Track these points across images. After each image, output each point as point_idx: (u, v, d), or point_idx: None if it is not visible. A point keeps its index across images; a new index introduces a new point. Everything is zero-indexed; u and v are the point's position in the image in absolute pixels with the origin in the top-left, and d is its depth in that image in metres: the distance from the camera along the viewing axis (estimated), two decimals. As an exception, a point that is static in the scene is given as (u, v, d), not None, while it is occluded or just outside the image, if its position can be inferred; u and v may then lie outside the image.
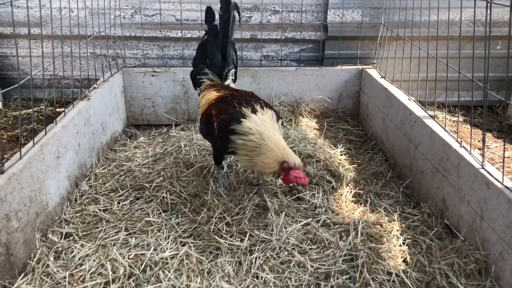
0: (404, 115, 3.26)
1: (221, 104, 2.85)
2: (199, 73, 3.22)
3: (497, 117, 4.50)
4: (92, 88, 3.66)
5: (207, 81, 3.18)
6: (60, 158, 2.84)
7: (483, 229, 2.27)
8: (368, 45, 4.50)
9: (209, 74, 3.18)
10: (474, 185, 2.35)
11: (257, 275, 2.23)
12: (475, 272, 2.22)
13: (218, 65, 3.17)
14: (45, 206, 2.59)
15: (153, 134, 4.16)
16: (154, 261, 2.30)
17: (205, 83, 3.18)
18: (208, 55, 3.19)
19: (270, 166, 2.58)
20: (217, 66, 3.17)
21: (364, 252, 2.29)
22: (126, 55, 4.61)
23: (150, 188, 2.98)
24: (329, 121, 4.25)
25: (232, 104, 2.77)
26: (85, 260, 2.35)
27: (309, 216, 2.70)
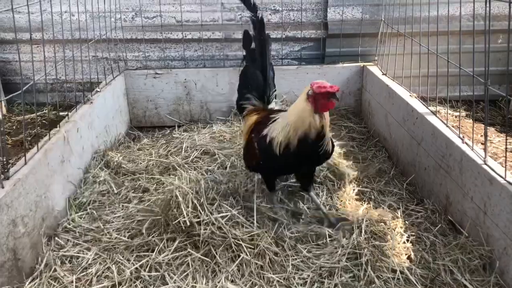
0: (406, 111, 3.26)
1: (260, 125, 2.70)
2: (241, 99, 3.05)
3: (500, 111, 4.49)
4: (94, 92, 3.68)
5: (250, 106, 3.00)
6: (65, 162, 2.86)
7: (487, 225, 2.27)
8: (369, 42, 4.50)
9: (251, 99, 3.00)
10: (477, 181, 2.35)
11: (260, 275, 2.24)
12: (479, 267, 2.22)
13: (260, 89, 2.99)
14: (50, 211, 2.61)
15: (156, 135, 4.18)
16: (159, 262, 2.32)
17: (247, 108, 3.00)
18: (249, 80, 3.03)
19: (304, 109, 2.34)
20: (259, 90, 2.99)
21: (368, 250, 2.30)
22: (128, 57, 4.63)
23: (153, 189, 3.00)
24: (331, 119, 4.22)
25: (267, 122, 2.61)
26: (91, 263, 2.37)
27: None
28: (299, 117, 2.37)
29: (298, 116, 2.37)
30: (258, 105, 2.98)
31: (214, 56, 4.68)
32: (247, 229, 2.46)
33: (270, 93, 3.00)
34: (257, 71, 2.98)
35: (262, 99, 2.99)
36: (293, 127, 2.39)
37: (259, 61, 2.98)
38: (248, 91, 3.01)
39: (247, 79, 3.04)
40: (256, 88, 2.99)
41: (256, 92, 2.99)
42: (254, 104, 2.99)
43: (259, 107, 2.97)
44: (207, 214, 2.44)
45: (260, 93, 2.98)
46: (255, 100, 2.99)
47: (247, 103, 3.00)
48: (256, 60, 3.00)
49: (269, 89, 2.99)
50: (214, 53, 4.68)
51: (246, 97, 3.00)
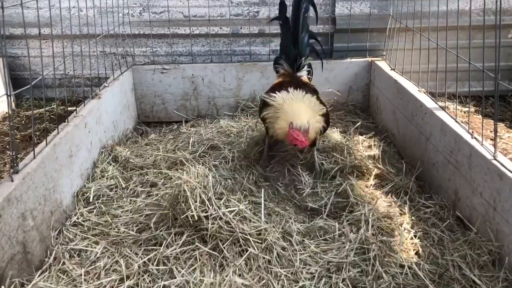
0: (415, 107, 3.24)
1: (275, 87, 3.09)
2: (275, 63, 3.40)
3: (510, 106, 4.45)
4: (102, 87, 3.69)
5: (281, 70, 3.33)
6: (73, 157, 2.87)
7: (496, 221, 2.26)
8: (377, 37, 4.47)
9: (283, 65, 3.31)
10: (487, 177, 2.33)
11: (268, 269, 2.24)
12: (488, 263, 2.21)
13: (290, 57, 3.27)
14: (59, 205, 2.63)
15: (163, 131, 4.18)
16: (167, 256, 2.33)
17: (279, 72, 3.36)
18: (283, 47, 3.36)
19: (283, 128, 2.75)
20: (290, 58, 3.28)
21: (376, 245, 2.29)
22: (135, 53, 4.64)
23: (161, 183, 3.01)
24: (339, 115, 4.23)
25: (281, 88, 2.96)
26: (99, 257, 2.39)
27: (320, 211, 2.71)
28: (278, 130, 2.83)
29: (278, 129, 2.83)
30: (288, 71, 3.29)
31: (221, 52, 4.68)
32: (254, 223, 2.46)
33: (301, 61, 3.26)
34: (289, 40, 3.25)
35: (292, 67, 3.27)
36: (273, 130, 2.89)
37: (292, 30, 3.24)
38: (281, 57, 3.34)
39: (282, 43, 3.38)
40: (288, 55, 3.28)
41: (288, 59, 3.28)
42: (285, 69, 3.30)
43: (289, 72, 3.28)
44: (215, 209, 2.44)
45: (291, 61, 3.28)
46: (286, 65, 3.30)
47: (279, 67, 3.36)
48: (289, 29, 3.26)
49: (299, 57, 3.25)
50: (222, 48, 4.68)
51: (279, 62, 3.35)
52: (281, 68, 3.34)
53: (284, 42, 3.36)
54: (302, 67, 3.28)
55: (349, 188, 2.82)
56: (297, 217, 2.66)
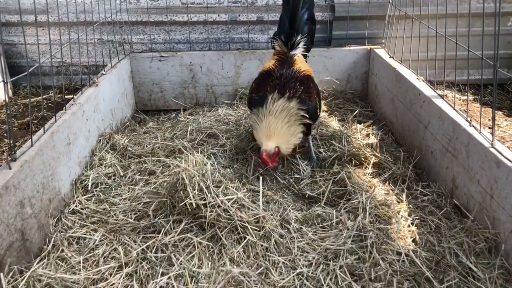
0: (413, 95, 3.24)
1: (261, 80, 3.08)
2: (273, 37, 3.37)
3: (508, 95, 4.45)
4: (100, 75, 3.67)
5: (277, 47, 3.32)
6: (71, 144, 2.87)
7: (493, 208, 2.27)
8: (376, 25, 4.45)
9: (278, 41, 3.29)
10: (484, 164, 2.34)
11: (266, 256, 2.26)
12: (484, 250, 2.23)
13: (285, 33, 3.25)
14: (57, 192, 2.63)
15: (162, 119, 4.18)
16: (165, 244, 2.34)
17: (275, 48, 3.34)
18: (280, 23, 3.33)
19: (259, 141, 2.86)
20: (285, 34, 3.25)
21: (373, 233, 2.30)
22: (133, 40, 4.61)
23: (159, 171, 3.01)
24: (338, 103, 4.22)
25: (266, 87, 2.95)
26: (98, 244, 2.40)
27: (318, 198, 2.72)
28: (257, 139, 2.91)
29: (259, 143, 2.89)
30: (283, 48, 3.28)
31: (219, 39, 4.65)
32: (253, 211, 2.47)
33: (297, 39, 3.24)
34: (286, 17, 3.24)
35: (286, 44, 3.26)
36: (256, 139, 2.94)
37: (290, 7, 3.23)
38: (278, 32, 3.32)
39: (280, 20, 3.36)
40: (283, 31, 3.27)
41: (283, 36, 3.26)
42: (280, 45, 3.29)
43: (283, 50, 3.27)
44: (213, 197, 2.45)
45: (286, 38, 3.26)
46: (281, 42, 3.28)
47: (276, 43, 3.34)
48: (288, 4, 3.25)
49: (295, 35, 3.23)
50: (220, 36, 4.65)
51: (275, 38, 3.34)
52: (277, 44, 3.33)
53: (282, 16, 3.32)
54: (297, 45, 3.26)
55: (346, 176, 2.83)
56: (295, 205, 2.68)
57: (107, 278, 2.17)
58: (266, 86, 2.98)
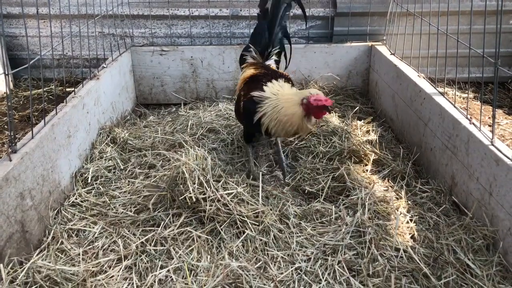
0: (414, 92, 3.24)
1: (251, 83, 2.98)
2: (244, 50, 3.34)
3: (508, 93, 4.45)
4: (101, 68, 3.67)
5: (250, 59, 3.28)
6: (71, 137, 2.87)
7: (492, 206, 2.28)
8: (378, 21, 4.44)
9: (252, 52, 3.28)
10: (483, 162, 2.34)
11: (265, 251, 2.27)
12: (482, 248, 2.24)
13: (263, 44, 3.27)
14: (57, 185, 2.64)
15: (162, 113, 4.18)
16: (164, 237, 2.35)
17: (247, 60, 3.29)
18: (256, 35, 3.33)
19: (295, 113, 2.62)
20: (262, 46, 3.27)
21: (372, 229, 2.31)
22: (134, 34, 4.60)
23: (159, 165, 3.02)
24: (338, 99, 4.22)
25: (260, 83, 2.87)
26: (97, 237, 2.41)
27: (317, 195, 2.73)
28: (289, 120, 2.64)
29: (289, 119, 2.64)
30: (258, 59, 3.26)
31: (221, 34, 4.65)
32: (252, 206, 2.47)
33: (272, 50, 3.28)
34: (264, 28, 3.26)
35: (262, 54, 3.27)
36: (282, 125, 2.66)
37: (269, 19, 3.25)
38: (253, 44, 3.29)
39: (255, 33, 3.33)
40: (259, 42, 3.28)
41: (259, 47, 3.27)
42: (254, 57, 3.27)
43: (258, 61, 3.24)
44: (213, 191, 2.46)
45: (262, 48, 3.27)
46: (255, 53, 3.27)
47: (248, 55, 3.29)
48: (266, 18, 3.28)
49: (272, 46, 3.27)
50: (221, 30, 4.64)
51: (248, 50, 3.28)
52: (250, 56, 3.28)
53: (257, 30, 3.33)
54: (271, 56, 3.29)
55: (346, 172, 2.83)
56: (294, 200, 2.69)
57: (106, 271, 2.18)
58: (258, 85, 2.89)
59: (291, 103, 2.64)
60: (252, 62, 3.25)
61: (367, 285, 2.03)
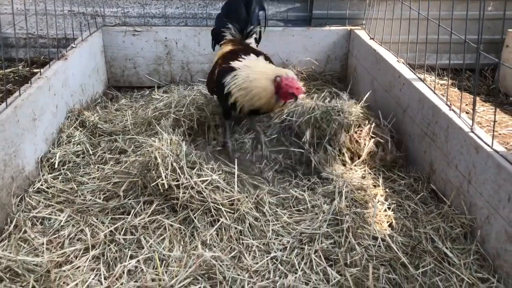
0: (393, 77, 3.19)
1: (228, 56, 2.87)
2: (222, 27, 3.14)
3: (486, 81, 4.45)
4: (69, 48, 3.50)
5: (229, 36, 3.13)
6: (37, 120, 2.72)
7: (470, 193, 2.24)
8: (357, 5, 4.37)
9: (231, 29, 3.11)
10: (463, 149, 2.31)
11: (239, 240, 2.19)
12: (460, 236, 2.21)
13: (242, 21, 3.10)
14: (21, 170, 2.49)
15: (135, 96, 4.03)
16: (134, 225, 2.24)
17: (226, 37, 3.13)
18: (232, 10, 3.14)
19: (266, 88, 2.54)
20: (240, 22, 3.11)
21: (349, 217, 2.26)
22: (106, 13, 4.41)
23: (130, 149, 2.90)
24: (316, 84, 4.15)
25: (238, 56, 2.77)
26: (63, 225, 2.29)
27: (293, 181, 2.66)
28: (258, 93, 2.55)
29: (258, 92, 2.55)
30: (237, 37, 3.12)
31: (196, 15, 4.49)
32: (227, 193, 2.39)
33: (251, 28, 3.12)
34: (242, 4, 3.09)
35: (241, 32, 3.12)
36: (250, 97, 2.57)
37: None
38: (230, 21, 3.12)
39: (231, 9, 3.15)
40: (238, 20, 3.11)
41: (238, 24, 3.11)
42: (233, 34, 3.12)
43: (237, 39, 3.11)
44: (186, 178, 2.36)
45: (242, 26, 3.11)
46: (235, 31, 3.12)
47: (227, 32, 3.13)
48: None
49: (250, 24, 3.11)
50: (197, 11, 4.49)
51: (227, 26, 3.11)
52: (228, 33, 3.13)
53: (233, 5, 3.15)
54: (251, 34, 3.15)
55: (323, 159, 2.77)
56: (270, 188, 2.60)
57: (72, 261, 2.07)
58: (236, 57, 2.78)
59: (264, 76, 2.57)
60: (231, 39, 3.12)
61: (344, 275, 1.98)
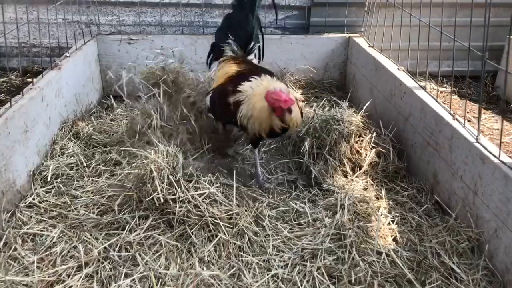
0: (394, 85, 3.12)
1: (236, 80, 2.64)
2: (222, 42, 2.99)
3: (485, 88, 4.39)
4: (63, 57, 3.42)
5: (230, 52, 2.95)
6: (29, 132, 2.64)
7: (477, 206, 2.17)
8: (356, 13, 4.31)
9: (232, 45, 2.95)
10: (468, 160, 2.24)
11: (239, 256, 2.11)
12: (467, 250, 2.13)
13: (244, 37, 2.95)
14: (12, 184, 2.41)
15: (131, 105, 3.94)
16: (129, 241, 2.16)
17: (226, 54, 2.95)
18: (235, 26, 2.99)
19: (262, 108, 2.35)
20: (243, 39, 2.96)
21: (352, 231, 2.18)
22: (101, 21, 4.34)
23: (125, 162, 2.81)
24: (315, 92, 4.09)
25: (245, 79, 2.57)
26: (56, 242, 2.20)
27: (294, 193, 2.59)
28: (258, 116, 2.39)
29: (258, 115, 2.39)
30: (239, 54, 2.96)
31: (193, 23, 4.43)
32: (225, 207, 2.30)
33: (253, 44, 2.98)
34: (244, 19, 2.94)
35: (244, 48, 2.96)
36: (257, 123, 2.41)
37: (248, 9, 2.92)
38: (231, 36, 2.97)
39: (232, 24, 3.00)
40: (240, 36, 2.96)
41: (239, 40, 2.95)
42: (234, 50, 2.95)
43: (238, 55, 2.95)
44: (183, 191, 2.28)
45: (244, 42, 2.95)
46: (236, 47, 2.95)
47: (228, 48, 2.96)
48: (245, 8, 2.95)
49: (252, 40, 2.97)
50: (193, 19, 4.42)
51: (227, 42, 2.96)
52: (229, 50, 2.97)
53: (234, 21, 3.01)
54: (252, 51, 3.02)
55: (323, 170, 2.70)
56: (270, 201, 2.52)
57: (65, 280, 1.99)
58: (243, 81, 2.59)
59: (260, 94, 2.39)
60: (232, 56, 2.95)
61: (348, 293, 1.90)
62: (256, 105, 2.40)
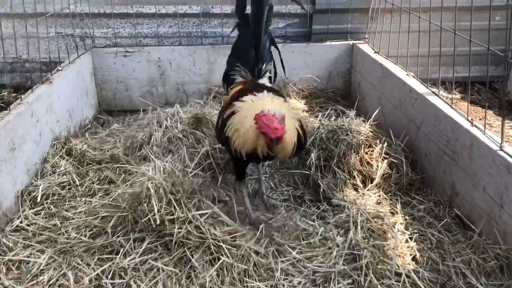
0: (403, 92, 2.96)
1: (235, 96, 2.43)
2: (231, 69, 2.73)
3: (496, 93, 4.23)
4: (55, 71, 3.27)
5: (239, 78, 2.69)
6: (16, 150, 2.47)
7: (504, 220, 1.99)
8: (359, 19, 4.18)
9: (241, 71, 2.69)
10: (492, 170, 2.06)
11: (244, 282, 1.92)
12: (496, 269, 1.95)
13: (250, 62, 2.67)
14: (-3, 207, 2.23)
15: (127, 120, 3.78)
16: (123, 267, 1.97)
17: (236, 80, 2.69)
18: (240, 50, 2.74)
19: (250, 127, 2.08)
20: (249, 63, 2.67)
21: (367, 251, 1.99)
22: (96, 34, 4.20)
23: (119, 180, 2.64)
24: (319, 102, 3.93)
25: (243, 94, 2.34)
26: (43, 269, 2.02)
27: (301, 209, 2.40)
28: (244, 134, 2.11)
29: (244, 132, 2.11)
30: (248, 78, 2.66)
31: (191, 33, 4.29)
32: (229, 227, 2.12)
33: (263, 66, 2.66)
34: (249, 39, 2.65)
35: (252, 72, 2.65)
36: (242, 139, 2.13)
37: (252, 29, 2.62)
38: (238, 63, 2.69)
39: (238, 49, 2.75)
40: (246, 60, 2.67)
41: (246, 64, 2.66)
42: (243, 76, 2.67)
43: (248, 80, 2.65)
44: (183, 211, 2.10)
45: (251, 66, 2.65)
46: (245, 72, 2.67)
47: (237, 74, 2.70)
48: (248, 27, 2.68)
49: (261, 62, 2.65)
50: (191, 29, 4.28)
51: (236, 69, 2.69)
52: (238, 75, 2.70)
53: (240, 43, 2.78)
54: (264, 73, 2.69)
55: (332, 184, 2.52)
56: (276, 218, 2.33)
57: (52, 313, 1.80)
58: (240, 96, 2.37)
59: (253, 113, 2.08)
60: (242, 81, 2.68)
61: (366, 322, 1.71)
62: (246, 120, 2.13)
